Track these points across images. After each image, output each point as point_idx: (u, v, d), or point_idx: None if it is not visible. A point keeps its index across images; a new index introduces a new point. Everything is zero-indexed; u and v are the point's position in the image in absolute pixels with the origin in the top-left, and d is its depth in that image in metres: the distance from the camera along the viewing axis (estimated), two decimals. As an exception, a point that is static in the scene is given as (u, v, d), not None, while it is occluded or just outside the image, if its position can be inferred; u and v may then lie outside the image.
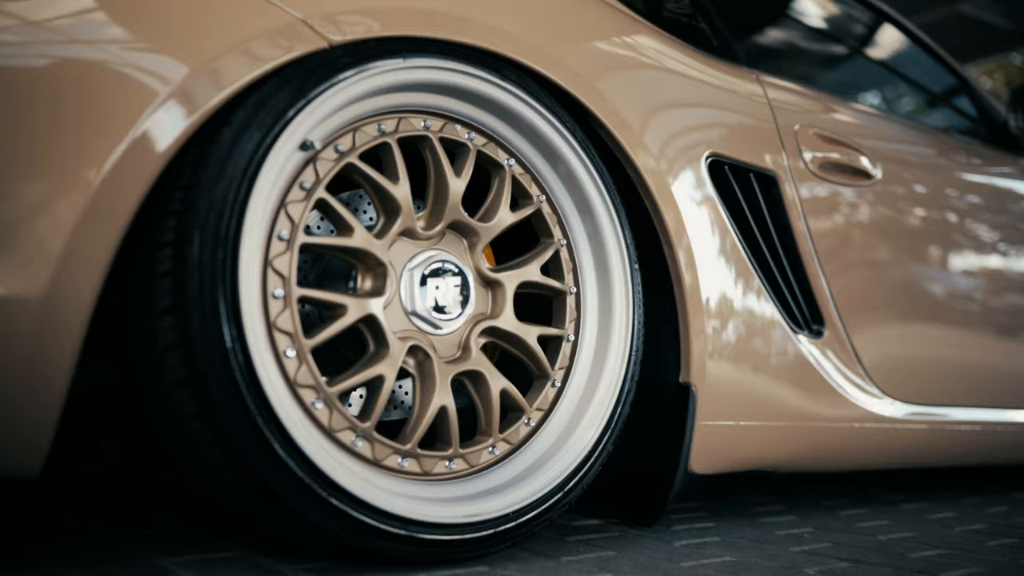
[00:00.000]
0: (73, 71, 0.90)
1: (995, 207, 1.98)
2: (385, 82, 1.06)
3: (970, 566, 1.16)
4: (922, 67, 2.28)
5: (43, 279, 0.86)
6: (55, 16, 0.91)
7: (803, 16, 2.19)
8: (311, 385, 0.98)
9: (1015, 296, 1.94)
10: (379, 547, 0.98)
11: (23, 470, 0.90)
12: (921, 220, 1.76)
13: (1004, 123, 2.17)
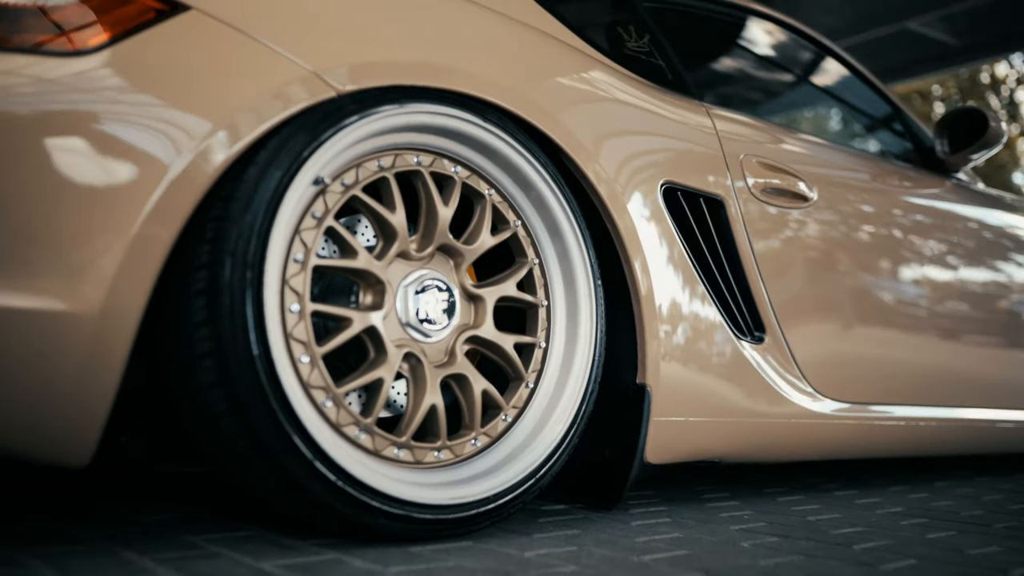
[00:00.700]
0: (121, 123, 1.06)
1: (922, 224, 2.19)
2: (384, 125, 1.23)
3: (880, 540, 1.36)
4: (860, 95, 2.49)
5: (99, 297, 1.02)
6: (117, 81, 1.06)
7: (749, 50, 2.39)
8: (322, 386, 1.15)
9: (937, 304, 2.15)
10: (381, 525, 1.15)
11: (76, 459, 1.06)
12: (853, 237, 1.96)
13: (931, 148, 2.39)
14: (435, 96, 1.28)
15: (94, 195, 1.03)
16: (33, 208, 1.00)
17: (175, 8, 1.14)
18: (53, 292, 0.99)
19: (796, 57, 2.52)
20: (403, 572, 1.02)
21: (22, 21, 1.08)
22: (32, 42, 1.07)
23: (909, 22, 6.49)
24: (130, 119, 1.06)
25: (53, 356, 1.00)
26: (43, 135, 1.02)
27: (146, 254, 1.04)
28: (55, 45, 1.07)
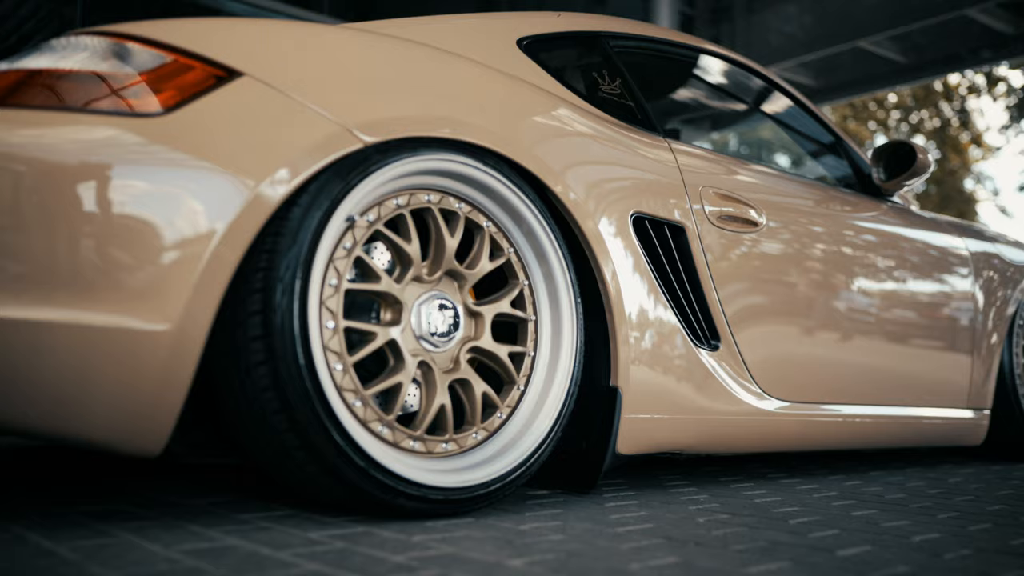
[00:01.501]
0: (194, 170, 1.28)
1: (861, 243, 2.47)
2: (402, 170, 1.47)
3: (813, 517, 1.63)
4: (807, 126, 2.78)
5: (176, 317, 1.24)
6: (189, 136, 1.29)
7: (708, 90, 2.66)
8: (352, 389, 1.39)
9: (872, 313, 2.44)
10: (401, 504, 1.39)
11: (152, 449, 1.29)
12: (798, 256, 2.23)
13: (869, 175, 2.68)
14: (443, 144, 1.52)
15: (174, 232, 1.25)
16: (126, 244, 1.23)
17: (231, 75, 1.37)
18: (141, 314, 1.22)
19: (750, 91, 2.79)
20: (424, 540, 1.26)
21: (113, 87, 1.31)
22: (119, 105, 1.30)
23: (861, 41, 6.86)
24: (201, 168, 1.29)
25: (140, 365, 1.23)
26: (133, 181, 1.25)
27: (212, 282, 1.27)
28: (138, 107, 1.30)
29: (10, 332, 1.18)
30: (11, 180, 1.21)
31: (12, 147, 1.23)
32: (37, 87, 1.32)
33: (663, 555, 1.23)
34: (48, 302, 1.20)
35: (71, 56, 1.36)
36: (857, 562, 1.23)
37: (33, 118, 1.27)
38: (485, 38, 1.93)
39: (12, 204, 1.21)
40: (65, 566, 1.04)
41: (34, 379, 1.20)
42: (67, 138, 1.26)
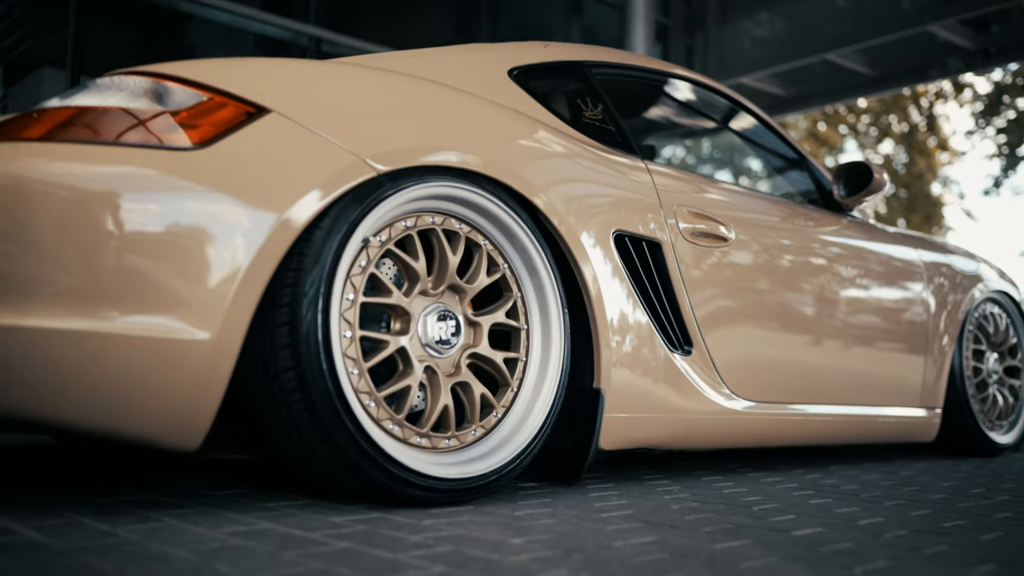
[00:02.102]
0: (230, 196, 1.45)
1: (822, 255, 2.68)
2: (410, 196, 1.64)
3: (774, 504, 1.82)
4: (774, 147, 2.98)
5: (216, 327, 1.41)
6: (224, 166, 1.46)
7: (681, 114, 2.85)
8: (367, 392, 1.56)
9: (832, 319, 2.64)
10: (410, 493, 1.57)
11: (192, 445, 1.46)
12: (764, 268, 2.43)
13: (830, 191, 2.89)
14: (446, 172, 1.70)
15: (213, 253, 1.42)
16: (173, 263, 1.40)
17: (260, 111, 1.54)
18: (185, 325, 1.39)
19: (721, 113, 2.99)
20: (433, 524, 1.44)
21: (155, 123, 1.48)
22: (162, 140, 1.46)
23: (829, 54, 7.11)
24: (236, 195, 1.46)
25: (184, 370, 1.40)
26: (176, 208, 1.42)
27: (246, 297, 1.44)
28: (179, 141, 1.47)
29: (67, 342, 1.34)
30: (67, 206, 1.37)
31: (68, 177, 1.40)
32: (88, 123, 1.48)
33: (642, 535, 1.41)
34: (102, 315, 1.36)
35: (117, 95, 1.53)
36: (809, 540, 1.42)
37: (86, 152, 1.43)
38: (480, 70, 2.11)
39: (68, 227, 1.37)
40: (129, 544, 1.21)
41: (92, 383, 1.36)
42: (117, 170, 1.42)
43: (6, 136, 1.46)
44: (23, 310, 1.34)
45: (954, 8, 6.58)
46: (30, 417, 1.38)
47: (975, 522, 1.69)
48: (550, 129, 2.05)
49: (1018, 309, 3.51)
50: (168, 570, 1.07)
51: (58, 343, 1.34)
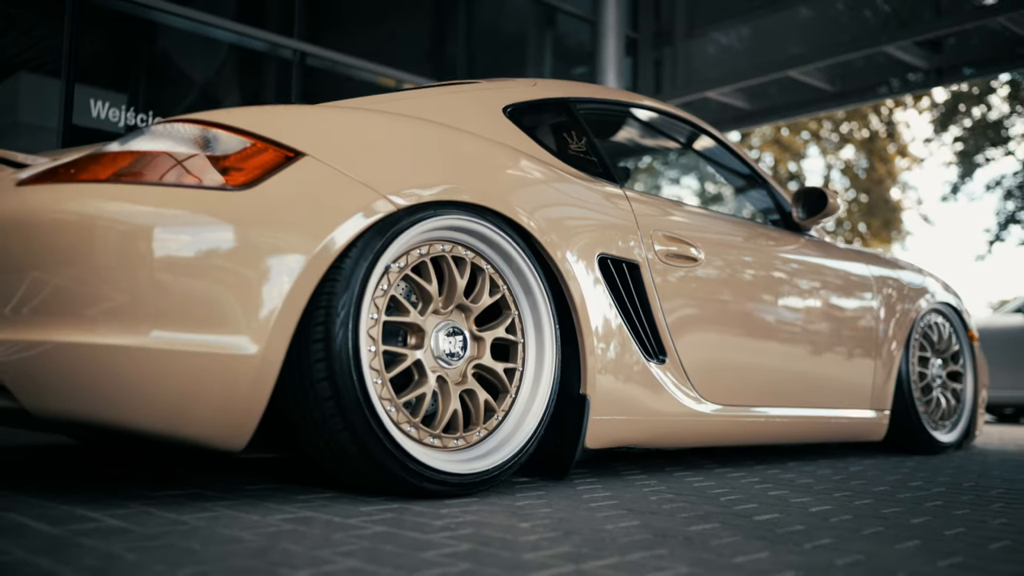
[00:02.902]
0: (273, 230, 1.68)
1: (783, 271, 2.96)
2: (425, 227, 1.88)
3: (738, 495, 2.09)
4: (740, 172, 3.26)
5: (263, 343, 1.64)
6: (267, 203, 1.69)
7: (657, 145, 3.12)
8: (388, 399, 1.80)
9: (791, 330, 2.92)
10: (424, 487, 1.81)
11: (239, 445, 1.69)
12: (730, 284, 2.70)
13: (789, 212, 3.17)
14: (456, 205, 1.94)
15: (260, 279, 1.65)
16: (226, 288, 1.62)
17: (296, 155, 1.78)
18: (237, 341, 1.62)
19: (694, 143, 3.26)
20: (449, 512, 1.68)
21: (207, 166, 1.70)
22: (213, 181, 1.69)
23: (791, 71, 7.45)
24: (278, 229, 1.69)
25: (235, 380, 1.63)
26: (227, 240, 1.64)
27: (288, 317, 1.67)
28: (228, 182, 1.70)
29: (136, 358, 1.57)
30: (133, 241, 1.59)
31: (133, 215, 1.62)
32: (146, 166, 1.70)
33: (628, 520, 1.67)
34: (166, 334, 1.58)
35: (170, 141, 1.75)
36: (768, 524, 1.69)
37: (147, 192, 1.65)
38: (478, 108, 2.36)
39: (133, 259, 1.59)
40: (200, 530, 1.44)
41: (158, 393, 1.59)
42: (174, 208, 1.64)
43: (73, 178, 1.69)
44: (99, 330, 1.56)
45: (908, 31, 6.94)
46: (105, 421, 1.60)
47: (909, 509, 1.97)
48: (541, 163, 2.30)
49: (960, 319, 3.83)
50: (244, 549, 1.30)
51: (129, 358, 1.57)
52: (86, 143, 5.27)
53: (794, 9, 7.95)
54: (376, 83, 6.98)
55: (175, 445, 1.73)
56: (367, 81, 6.90)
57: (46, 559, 1.18)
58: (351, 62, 6.68)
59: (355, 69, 6.76)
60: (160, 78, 5.98)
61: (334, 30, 6.71)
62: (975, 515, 1.91)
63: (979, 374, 3.90)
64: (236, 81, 6.41)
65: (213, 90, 6.26)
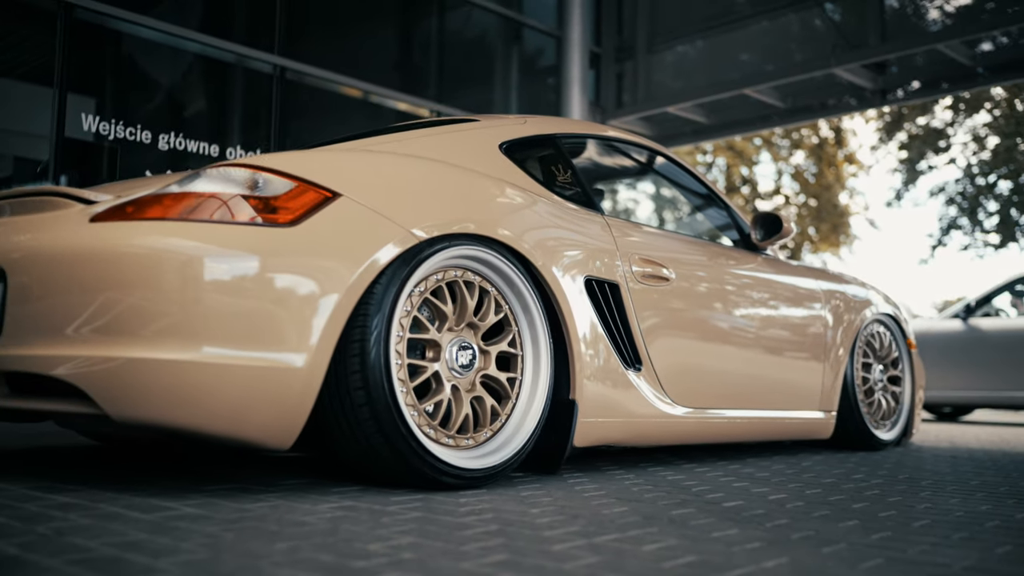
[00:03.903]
0: (317, 259, 1.97)
1: (743, 288, 3.30)
2: (442, 256, 2.18)
3: (705, 486, 2.42)
4: (705, 197, 3.60)
5: (310, 357, 1.93)
6: (310, 238, 1.97)
7: (630, 177, 3.44)
8: (412, 405, 2.10)
9: (751, 340, 3.27)
10: (443, 480, 2.11)
11: (286, 446, 1.97)
12: (697, 301, 3.04)
13: (748, 234, 3.53)
14: (467, 237, 2.24)
15: (306, 303, 1.94)
16: (278, 309, 1.91)
17: (334, 195, 2.06)
18: (288, 356, 1.91)
19: (664, 172, 3.60)
20: (467, 501, 1.98)
21: (259, 205, 1.98)
22: (265, 219, 1.97)
23: (747, 89, 7.86)
24: (320, 260, 1.98)
25: (287, 389, 1.91)
26: (279, 269, 1.93)
27: (330, 335, 1.96)
28: (277, 219, 1.98)
29: (204, 370, 1.84)
30: (197, 272, 1.87)
31: (196, 249, 1.89)
32: (206, 206, 1.98)
33: (619, 507, 1.99)
34: (229, 351, 1.86)
35: (226, 183, 2.02)
36: (734, 509, 2.02)
37: (208, 229, 1.93)
38: (479, 147, 2.66)
39: (196, 288, 1.87)
40: (269, 516, 1.72)
41: (221, 400, 1.87)
42: (232, 242, 1.92)
43: (141, 216, 1.95)
44: (162, 347, 1.84)
45: (856, 54, 7.40)
46: (176, 426, 1.87)
47: (851, 497, 2.32)
48: (534, 195, 2.61)
49: (899, 328, 4.23)
50: (315, 530, 1.59)
51: (198, 372, 1.84)
52: (78, 153, 5.46)
53: (749, 29, 8.38)
54: (344, 94, 7.23)
55: (232, 446, 2.01)
56: (335, 92, 7.15)
57: (163, 538, 1.46)
58: (323, 75, 6.93)
59: (325, 81, 7.00)
60: (147, 91, 6.17)
61: (309, 43, 6.95)
62: (905, 502, 2.26)
63: (916, 378, 4.30)
64: (218, 95, 6.62)
65: (198, 103, 6.46)
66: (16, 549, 1.35)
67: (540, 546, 1.48)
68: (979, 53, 7.48)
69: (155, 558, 1.31)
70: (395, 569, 1.28)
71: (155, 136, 5.83)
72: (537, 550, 1.45)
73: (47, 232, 2.03)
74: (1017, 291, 8.07)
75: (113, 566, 1.25)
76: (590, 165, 3.39)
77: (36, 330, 1.96)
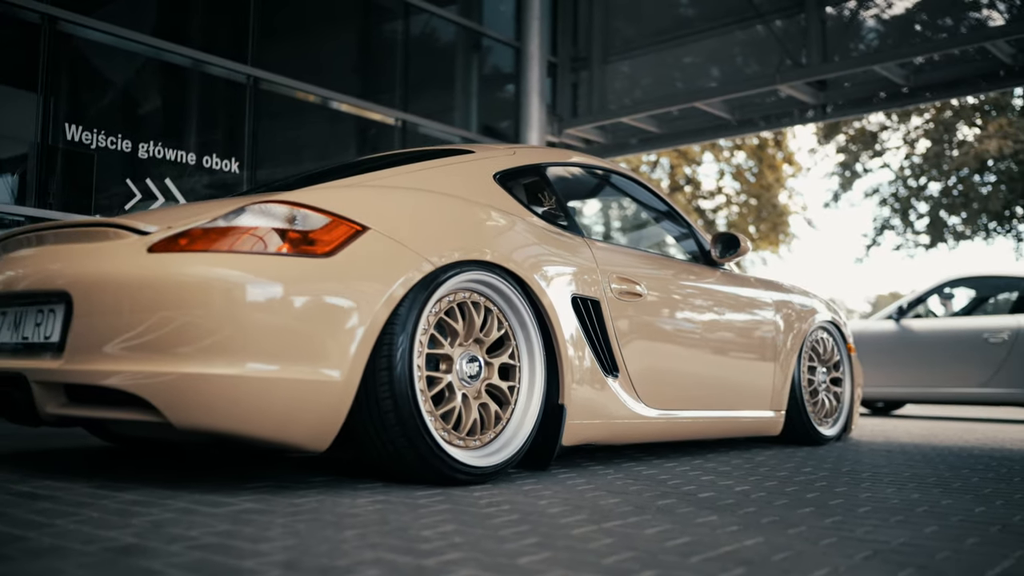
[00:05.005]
0: (351, 283, 2.26)
1: (705, 300, 3.67)
2: (454, 281, 2.49)
3: (677, 480, 2.76)
4: (671, 218, 3.96)
5: (345, 371, 2.22)
6: (344, 267, 2.26)
7: (603, 199, 3.78)
8: (430, 411, 2.40)
9: (712, 348, 3.64)
10: (457, 477, 2.42)
11: (323, 447, 2.27)
12: (666, 313, 3.39)
13: (708, 251, 3.90)
14: (473, 263, 2.55)
15: (342, 323, 2.23)
16: (319, 329, 2.19)
17: (364, 229, 2.35)
18: (327, 370, 2.19)
19: (633, 194, 3.95)
20: (481, 494, 2.29)
21: (298, 238, 2.26)
22: (304, 251, 2.25)
23: (698, 104, 8.29)
24: (353, 286, 2.27)
25: (326, 399, 2.20)
26: (318, 293, 2.21)
27: (363, 351, 2.25)
28: (315, 251, 2.26)
29: (255, 384, 2.12)
30: (245, 297, 2.14)
31: (243, 278, 2.17)
32: (251, 238, 2.25)
33: (611, 498, 2.32)
34: (277, 365, 2.15)
35: (267, 218, 2.29)
36: (708, 499, 2.36)
37: (254, 260, 2.20)
38: (475, 178, 2.97)
39: (245, 311, 2.15)
40: (319, 508, 2.00)
41: (270, 409, 2.15)
42: (277, 272, 2.20)
43: (194, 248, 2.22)
44: (218, 363, 2.11)
45: (799, 72, 7.87)
46: (231, 432, 2.15)
47: (804, 488, 2.69)
48: (527, 223, 2.93)
49: (841, 333, 4.65)
50: (367, 520, 1.88)
51: (250, 384, 2.12)
52: (60, 159, 5.60)
53: (701, 44, 8.82)
54: (313, 103, 7.45)
55: (277, 449, 2.29)
56: (305, 101, 7.37)
57: (247, 528, 1.74)
58: (294, 84, 7.14)
59: (295, 90, 7.22)
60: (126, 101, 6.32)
61: (280, 55, 7.16)
62: (849, 492, 2.64)
63: (855, 378, 4.73)
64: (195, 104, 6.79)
65: (174, 112, 6.63)
66: (132, 538, 1.63)
67: (561, 531, 1.80)
68: (911, 73, 8.01)
69: (255, 543, 1.59)
70: (455, 550, 1.59)
71: (135, 145, 6.00)
72: (561, 534, 1.77)
73: (109, 260, 2.28)
74: (946, 294, 8.64)
75: (224, 551, 1.53)
76: (569, 190, 3.72)
77: (99, 347, 2.21)
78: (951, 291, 8.64)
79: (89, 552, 1.51)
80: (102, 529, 1.70)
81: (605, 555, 1.58)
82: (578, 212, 3.98)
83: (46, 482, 2.33)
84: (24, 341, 2.41)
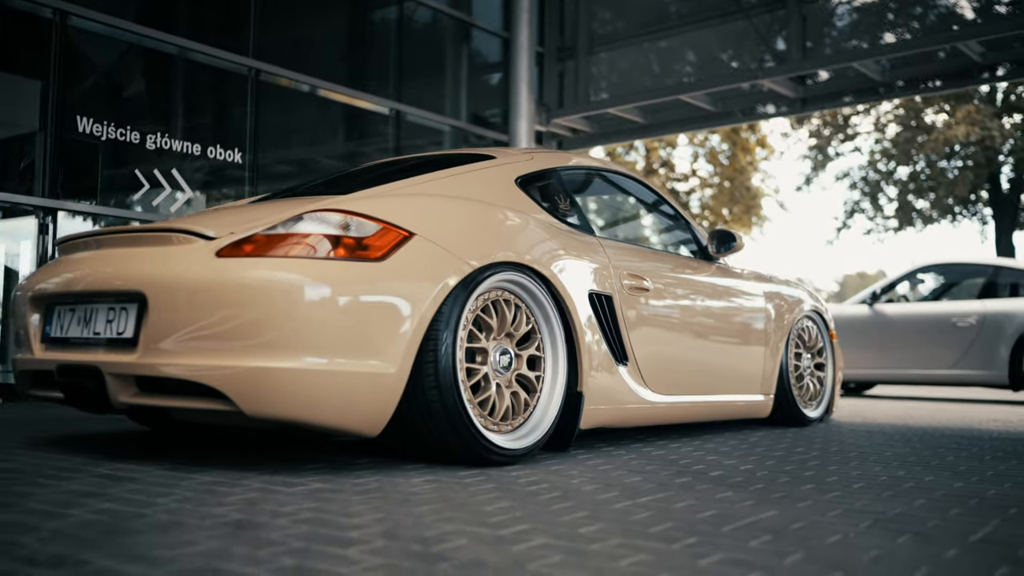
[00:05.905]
0: (405, 285, 2.50)
1: (703, 292, 3.95)
2: (490, 281, 2.74)
3: (688, 460, 3.04)
4: (670, 215, 4.23)
5: (397, 364, 2.47)
6: (394, 270, 2.50)
7: (611, 198, 4.04)
8: (470, 400, 2.65)
9: (711, 336, 3.92)
10: (493, 459, 2.68)
11: (376, 432, 2.52)
12: (670, 304, 3.66)
13: (705, 247, 4.18)
14: (506, 264, 2.80)
15: (394, 321, 2.47)
16: (374, 326, 2.44)
17: (411, 235, 2.59)
18: (382, 364, 2.44)
19: (636, 194, 4.21)
20: (517, 473, 2.55)
21: (353, 244, 2.49)
22: (358, 256, 2.49)
23: (682, 96, 8.56)
24: (404, 287, 2.51)
25: (380, 390, 2.45)
26: (373, 293, 2.45)
27: (412, 346, 2.50)
28: (368, 255, 2.50)
29: (318, 376, 2.37)
30: (306, 297, 2.37)
31: (303, 281, 2.40)
32: (309, 244, 2.48)
33: (633, 477, 2.59)
34: (337, 359, 2.39)
35: (324, 225, 2.52)
36: (720, 477, 2.64)
37: (313, 264, 2.43)
38: (500, 183, 3.21)
39: (308, 310, 2.38)
40: (381, 488, 2.25)
41: (332, 399, 2.39)
42: (335, 275, 2.44)
43: (258, 253, 2.45)
44: (288, 357, 2.35)
45: (779, 68, 8.17)
46: (298, 420, 2.39)
47: (800, 467, 2.98)
48: (548, 225, 3.18)
49: (824, 321, 4.96)
50: (431, 498, 2.14)
51: (313, 377, 2.37)
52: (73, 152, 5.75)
53: (686, 36, 9.08)
54: (312, 94, 7.62)
55: (336, 435, 2.53)
56: (304, 92, 7.54)
57: (332, 506, 1.99)
58: (294, 76, 7.30)
59: (295, 82, 7.38)
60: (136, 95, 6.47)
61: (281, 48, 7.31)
62: (842, 469, 2.93)
63: (836, 363, 5.05)
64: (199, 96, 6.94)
65: (180, 104, 6.78)
66: (237, 514, 1.87)
67: (604, 506, 2.07)
68: (887, 69, 8.34)
69: (350, 518, 1.84)
70: (521, 523, 1.85)
71: (143, 136, 6.16)
72: (604, 509, 2.04)
73: (181, 264, 2.50)
74: (916, 279, 9.03)
75: (324, 523, 1.78)
76: (580, 191, 3.97)
77: (173, 342, 2.44)
78: (921, 277, 9.02)
79: (206, 526, 1.74)
80: (204, 507, 1.94)
81: (649, 525, 1.85)
82: (587, 211, 4.25)
83: (117, 465, 2.55)
84: (96, 336, 2.63)
